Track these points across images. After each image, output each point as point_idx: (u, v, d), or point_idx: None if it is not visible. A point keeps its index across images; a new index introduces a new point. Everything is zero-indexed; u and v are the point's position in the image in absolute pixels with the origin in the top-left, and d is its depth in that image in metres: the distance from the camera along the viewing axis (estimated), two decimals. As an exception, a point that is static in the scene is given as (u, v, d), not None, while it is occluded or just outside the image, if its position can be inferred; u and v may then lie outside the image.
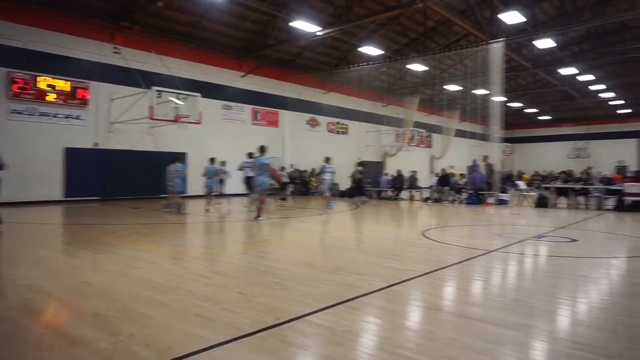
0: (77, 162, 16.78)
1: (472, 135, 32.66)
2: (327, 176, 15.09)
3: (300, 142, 25.21)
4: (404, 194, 20.97)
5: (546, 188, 18.18)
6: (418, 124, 30.82)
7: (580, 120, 40.08)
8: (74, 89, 16.75)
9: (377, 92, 28.89)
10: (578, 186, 16.66)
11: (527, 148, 43.99)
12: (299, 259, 6.47)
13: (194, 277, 5.28)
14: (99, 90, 17.43)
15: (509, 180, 24.49)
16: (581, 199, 16.25)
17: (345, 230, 10.12)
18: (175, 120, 16.31)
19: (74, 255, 6.56)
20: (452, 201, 18.74)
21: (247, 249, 7.49)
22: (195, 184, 17.95)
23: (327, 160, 15.62)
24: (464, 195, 18.38)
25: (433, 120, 35.44)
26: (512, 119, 40.61)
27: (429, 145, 35.20)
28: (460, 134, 34.79)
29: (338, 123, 28.35)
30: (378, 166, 29.36)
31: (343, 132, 28.75)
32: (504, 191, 18.30)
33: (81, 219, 11.60)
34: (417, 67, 24.00)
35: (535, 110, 38.68)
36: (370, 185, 22.45)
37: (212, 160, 15.25)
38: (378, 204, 18.18)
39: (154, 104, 15.61)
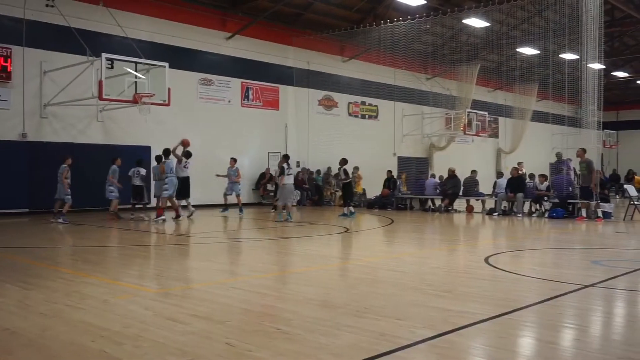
0: (-4, 161, 17.11)
1: (557, 120, 32.45)
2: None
3: (310, 131, 25.35)
4: (459, 204, 20.93)
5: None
6: (478, 104, 30.77)
7: None
8: (-9, 58, 17.12)
9: (418, 59, 28.98)
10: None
11: (638, 137, 43.61)
12: (311, 296, 6.49)
13: (162, 322, 5.32)
14: (25, 59, 17.76)
15: (612, 184, 24.27)
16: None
17: (376, 255, 10.12)
18: (134, 100, 16.53)
19: (-6, 291, 6.67)
20: (530, 214, 18.62)
21: (238, 281, 7.52)
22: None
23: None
24: (547, 206, 18.30)
25: (499, 98, 35.33)
26: (616, 96, 40.34)
27: (494, 134, 35.12)
28: (540, 117, 34.64)
29: (363, 103, 28.45)
30: (421, 164, 29.33)
31: (371, 116, 28.84)
32: (605, 199, 18.14)
33: (2, 241, 11.79)
34: (476, 22, 23.94)
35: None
36: (410, 192, 22.45)
37: (162, 156, 16.32)
38: (421, 218, 18.14)
39: (103, 78, 15.85)
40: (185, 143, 16.61)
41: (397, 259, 9.74)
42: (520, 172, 19.92)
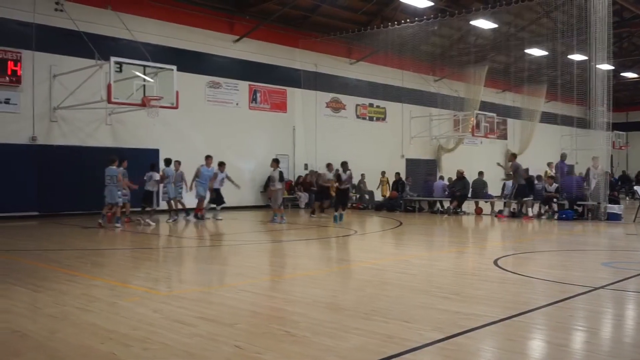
0: (5, 164, 17.22)
1: (566, 121, 32.28)
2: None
3: (317, 133, 25.37)
4: (468, 206, 20.87)
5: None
6: (486, 106, 30.68)
7: None
8: (0, 61, 17.22)
9: (426, 61, 28.90)
10: None
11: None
12: (319, 298, 6.49)
13: (171, 325, 5.33)
14: (35, 63, 17.88)
15: (622, 186, 24.09)
16: None
17: (384, 257, 10.12)
18: (143, 103, 16.60)
19: (3, 295, 6.71)
20: (538, 215, 18.55)
21: (246, 284, 7.53)
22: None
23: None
24: (556, 207, 18.22)
25: (508, 99, 35.20)
26: (626, 97, 40.06)
27: (502, 136, 34.96)
28: (549, 118, 34.47)
29: (371, 106, 28.42)
30: (429, 166, 29.27)
31: (379, 118, 28.80)
32: (614, 201, 18.01)
33: (12, 244, 11.86)
34: (484, 23, 23.87)
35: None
36: (417, 194, 22.41)
37: (169, 161, 16.96)
38: (429, 220, 18.09)
39: (112, 82, 15.93)
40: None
41: (405, 261, 9.72)
42: (551, 173, 19.70)
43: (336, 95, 26.67)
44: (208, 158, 17.64)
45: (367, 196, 24.44)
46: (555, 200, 18.32)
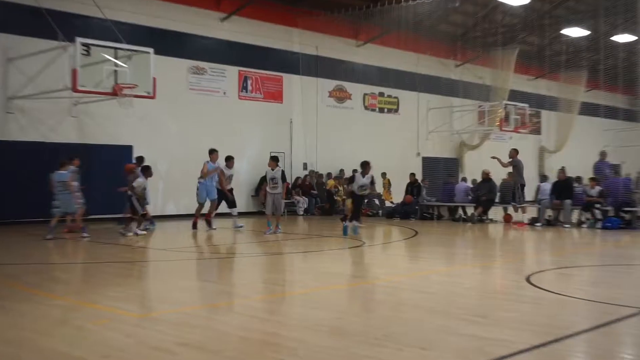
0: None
1: (609, 113, 32.28)
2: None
3: (318, 128, 25.41)
4: (495, 212, 20.83)
5: None
6: (517, 95, 30.66)
7: None
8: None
9: (446, 43, 28.90)
10: None
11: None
12: (321, 321, 6.48)
13: (147, 353, 5.32)
14: (-12, 45, 17.90)
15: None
16: None
17: (397, 273, 10.12)
18: (114, 92, 16.58)
19: (-49, 316, 6.69)
20: (579, 223, 18.50)
21: (235, 304, 7.51)
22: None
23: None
24: (599, 214, 18.17)
25: (542, 87, 35.17)
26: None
27: (536, 130, 34.95)
28: (589, 110, 34.48)
29: (382, 95, 28.42)
30: (449, 166, 29.26)
31: (390, 110, 28.80)
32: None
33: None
34: (514, -2, 23.84)
35: None
36: (436, 199, 22.39)
37: (141, 159, 16.80)
38: (450, 230, 18.06)
39: (78, 67, 15.92)
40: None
41: (423, 277, 9.71)
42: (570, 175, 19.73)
43: (340, 83, 26.68)
44: (213, 153, 16.68)
45: (376, 201, 24.41)
46: (598, 206, 18.29)
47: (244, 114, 23.40)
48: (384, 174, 25.16)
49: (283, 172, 15.93)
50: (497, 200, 20.74)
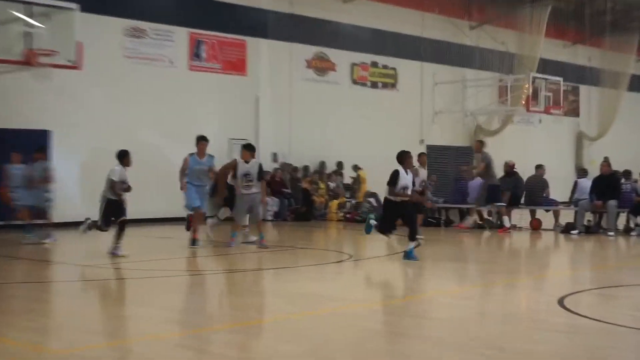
0: None
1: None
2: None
3: (293, 107, 25.37)
4: (520, 215, 20.88)
5: None
6: (548, 66, 30.79)
7: None
8: None
9: (458, -1, 28.91)
10: None
11: None
12: (295, 356, 6.48)
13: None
14: None
15: None
16: None
17: (395, 294, 10.09)
18: (26, 60, 16.39)
19: None
20: (627, 231, 18.59)
21: (184, 336, 7.50)
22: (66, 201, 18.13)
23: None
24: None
25: (581, 56, 35.31)
26: None
27: (572, 111, 35.09)
28: (642, 84, 34.70)
29: (375, 65, 28.36)
30: (462, 157, 29.24)
31: (386, 85, 28.78)
32: None
33: None
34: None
35: None
36: (444, 199, 22.40)
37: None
38: (462, 239, 18.09)
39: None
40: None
41: (427, 300, 9.71)
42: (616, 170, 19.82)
43: (322, 49, 26.64)
44: (201, 142, 15.37)
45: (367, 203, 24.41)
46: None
47: (196, 90, 23.26)
48: (355, 166, 25.11)
49: (261, 166, 15.47)
50: (521, 201, 20.78)
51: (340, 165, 26.01)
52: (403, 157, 14.18)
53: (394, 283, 11.55)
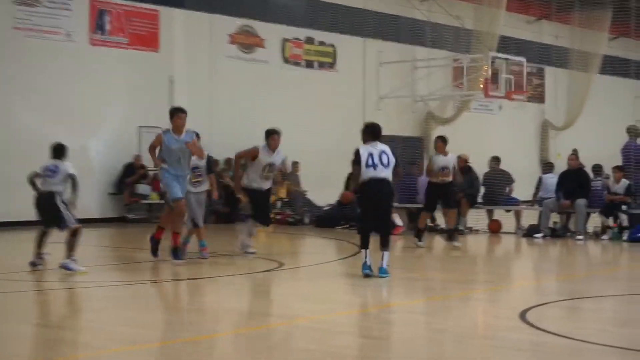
0: None
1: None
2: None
3: (215, 89, 25.35)
4: (476, 216, 21.09)
5: None
6: (510, 44, 31.13)
7: None
8: None
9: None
10: None
11: None
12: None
13: None
14: None
15: None
16: None
17: (334, 308, 10.18)
18: None
19: None
20: (597, 234, 18.89)
21: (86, 356, 7.46)
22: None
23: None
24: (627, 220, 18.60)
25: (546, 34, 35.79)
26: None
27: (537, 97, 35.56)
28: (616, 66, 35.23)
29: (310, 42, 28.33)
30: (411, 149, 29.46)
31: (323, 64, 28.76)
32: None
33: None
34: None
35: None
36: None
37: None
38: (411, 244, 18.24)
39: None
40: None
41: (373, 315, 9.77)
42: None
43: (248, 22, 26.66)
44: (177, 114, 14.33)
45: (301, 203, 24.48)
46: (624, 208, 18.72)
47: (99, 68, 23.04)
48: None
49: (210, 158, 15.41)
50: (478, 199, 20.96)
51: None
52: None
53: (332, 296, 11.54)
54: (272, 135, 15.17)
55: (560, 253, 16.42)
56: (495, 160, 21.62)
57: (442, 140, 17.24)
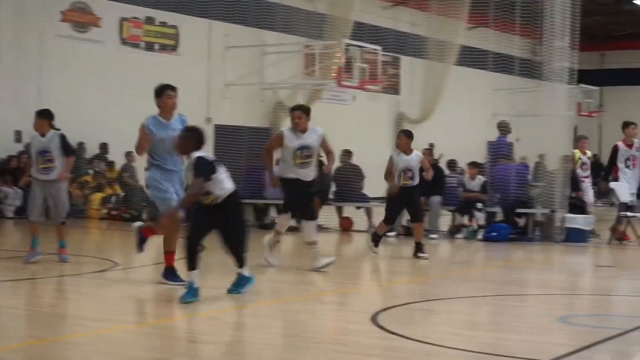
0: None
1: (503, 64, 34.00)
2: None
3: (44, 73, 24.84)
4: (326, 214, 21.15)
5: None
6: (364, 31, 31.41)
7: None
8: None
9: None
10: None
11: (635, 97, 46.72)
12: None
13: None
14: None
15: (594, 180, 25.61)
16: None
17: (166, 313, 10.10)
18: None
19: None
20: (452, 232, 19.25)
21: None
22: None
23: None
24: (483, 218, 18.95)
25: (403, 21, 36.28)
26: (600, 25, 42.85)
27: (392, 88, 36.03)
28: (474, 58, 36.00)
29: (151, 22, 27.95)
30: (259, 140, 29.35)
31: (165, 47, 28.44)
32: (578, 208, 19.16)
33: None
34: None
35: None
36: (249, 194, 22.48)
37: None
38: (254, 242, 18.10)
39: None
40: None
41: (210, 319, 9.60)
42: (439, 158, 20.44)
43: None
44: (166, 92, 12.19)
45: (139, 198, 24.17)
46: (480, 206, 19.02)
47: None
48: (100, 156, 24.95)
49: (63, 137, 14.08)
50: (329, 197, 21.04)
51: (104, 147, 25.63)
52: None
53: (168, 298, 11.38)
54: (293, 112, 14.04)
55: (413, 252, 16.61)
56: (347, 153, 21.75)
57: (407, 135, 16.07)
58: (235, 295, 10.77)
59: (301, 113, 13.76)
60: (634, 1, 40.29)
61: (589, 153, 20.92)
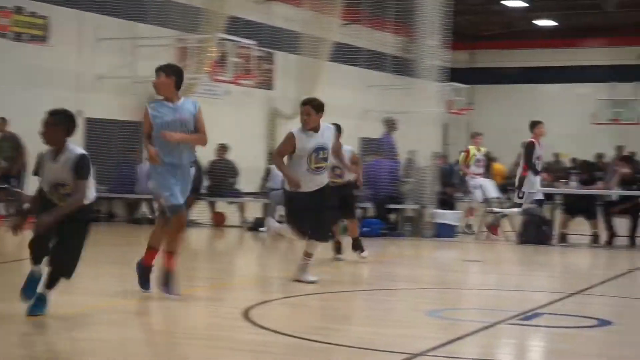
0: None
1: (376, 61, 34.30)
2: None
3: None
4: (198, 208, 21.12)
5: (546, 197, 19.91)
6: (239, 26, 31.42)
7: (627, 33, 44.34)
8: None
9: None
10: (613, 192, 18.64)
11: (503, 95, 48.06)
12: None
13: None
14: None
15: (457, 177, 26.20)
16: (622, 222, 18.44)
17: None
18: None
19: None
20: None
21: None
22: None
23: None
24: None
25: (277, 16, 36.26)
26: (470, 24, 43.74)
27: (266, 83, 36.02)
28: (348, 54, 36.27)
29: (20, 11, 27.38)
30: (128, 134, 29.12)
31: (35, 37, 27.92)
32: (447, 204, 19.63)
33: None
34: None
35: (523, 3, 41.86)
36: (107, 188, 22.28)
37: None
38: (127, 235, 18.08)
39: None
40: None
41: (83, 316, 9.54)
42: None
43: None
44: (161, 73, 11.11)
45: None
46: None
47: None
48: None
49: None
50: (201, 193, 21.02)
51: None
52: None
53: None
54: (303, 107, 12.37)
55: (287, 248, 16.74)
56: (223, 148, 21.78)
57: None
58: (100, 295, 10.75)
59: (310, 108, 12.13)
60: (501, 2, 41.17)
61: (483, 149, 21.39)
